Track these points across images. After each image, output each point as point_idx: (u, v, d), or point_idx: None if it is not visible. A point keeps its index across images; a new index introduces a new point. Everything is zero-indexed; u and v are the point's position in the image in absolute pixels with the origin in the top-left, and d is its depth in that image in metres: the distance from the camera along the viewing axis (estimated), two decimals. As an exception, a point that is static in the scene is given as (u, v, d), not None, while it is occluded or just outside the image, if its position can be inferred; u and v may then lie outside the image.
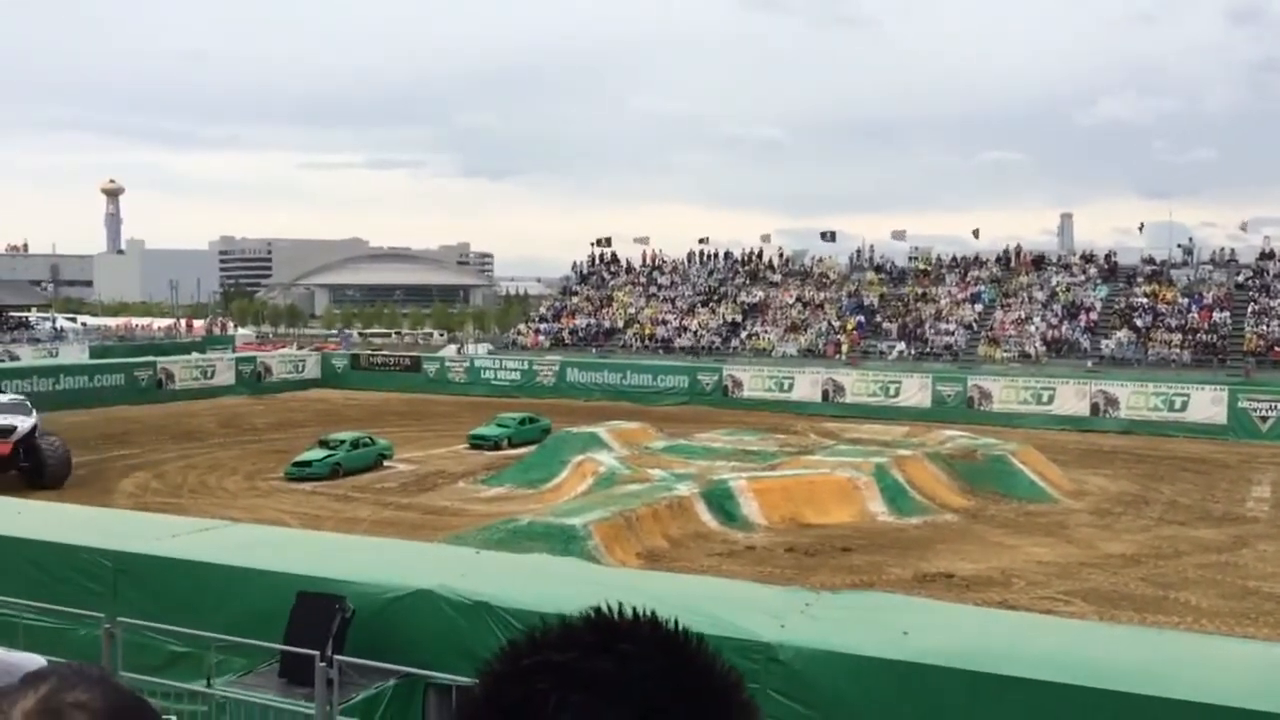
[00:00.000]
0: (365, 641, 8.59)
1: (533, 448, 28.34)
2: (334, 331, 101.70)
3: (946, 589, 15.45)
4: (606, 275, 58.68)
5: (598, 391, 44.58)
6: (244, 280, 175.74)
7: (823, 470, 22.24)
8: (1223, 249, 48.07)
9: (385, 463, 28.04)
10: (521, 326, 57.42)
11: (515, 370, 47.65)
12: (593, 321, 53.95)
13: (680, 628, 1.04)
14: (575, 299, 57.03)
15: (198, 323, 75.87)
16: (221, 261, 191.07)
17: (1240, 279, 44.75)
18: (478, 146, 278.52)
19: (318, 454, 26.75)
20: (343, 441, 27.61)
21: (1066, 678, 6.48)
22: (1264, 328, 41.32)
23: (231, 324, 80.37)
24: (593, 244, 60.60)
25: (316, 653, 7.91)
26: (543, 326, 55.22)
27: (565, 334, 53.28)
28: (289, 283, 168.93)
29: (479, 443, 31.13)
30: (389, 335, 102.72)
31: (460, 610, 8.66)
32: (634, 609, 1.06)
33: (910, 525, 20.24)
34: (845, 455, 23.99)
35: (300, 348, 65.87)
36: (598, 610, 1.05)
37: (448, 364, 50.80)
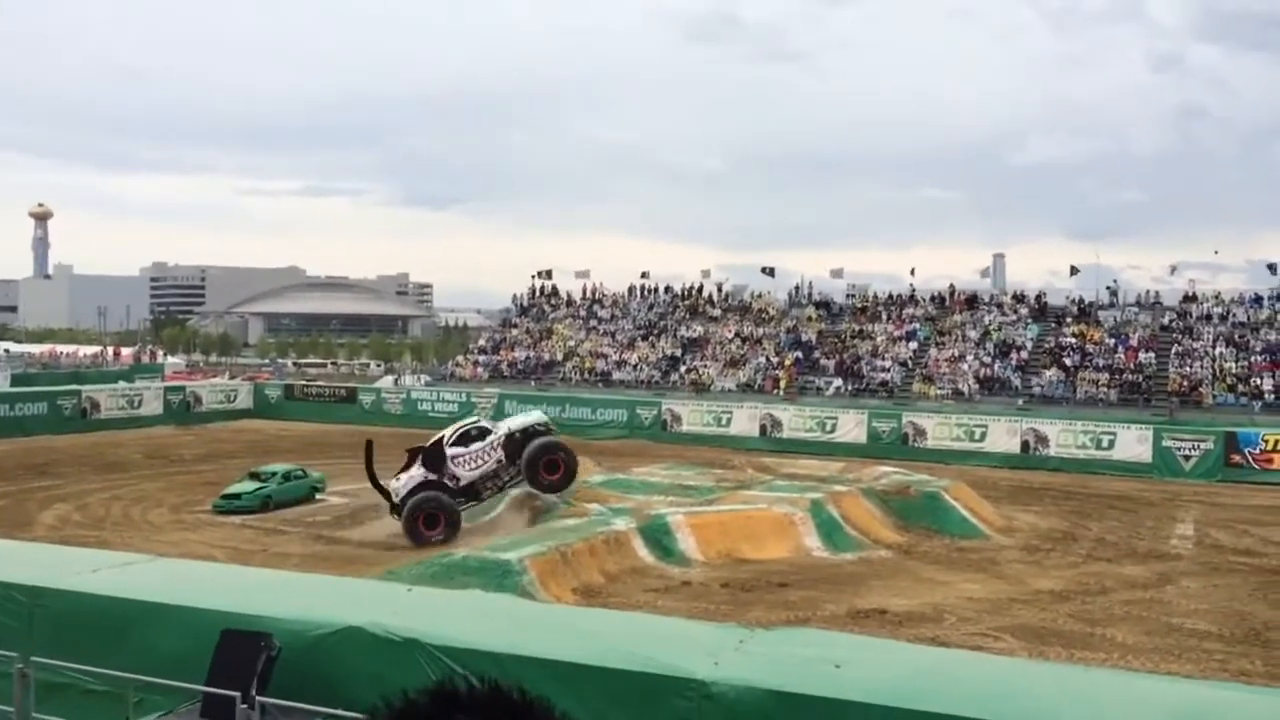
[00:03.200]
0: (291, 681, 8.38)
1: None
2: (267, 361, 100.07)
3: (880, 625, 15.54)
4: (547, 308, 58.63)
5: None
6: (176, 307, 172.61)
7: (760, 505, 22.31)
8: (1148, 291, 49.45)
9: (318, 496, 27.57)
10: (460, 358, 57.06)
11: (453, 402, 47.25)
12: (532, 354, 53.80)
13: (522, 694, 1.04)
14: (515, 331, 56.87)
15: (126, 350, 74.24)
16: (153, 288, 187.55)
17: (1165, 321, 46.04)
18: (419, 175, 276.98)
19: (248, 486, 26.22)
20: (274, 473, 27.11)
21: (993, 716, 6.54)
22: (1187, 369, 42.51)
23: (161, 352, 78.63)
24: (533, 276, 60.63)
25: (238, 694, 7.71)
26: (481, 358, 54.94)
27: (504, 366, 53.05)
28: (222, 311, 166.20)
29: (414, 475, 30.69)
30: (325, 365, 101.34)
31: (390, 648, 8.50)
32: (479, 679, 1.05)
33: (845, 561, 20.37)
34: (782, 491, 24.11)
35: (232, 377, 64.66)
36: (440, 683, 1.04)
37: (384, 395, 50.25)
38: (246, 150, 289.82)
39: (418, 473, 22.86)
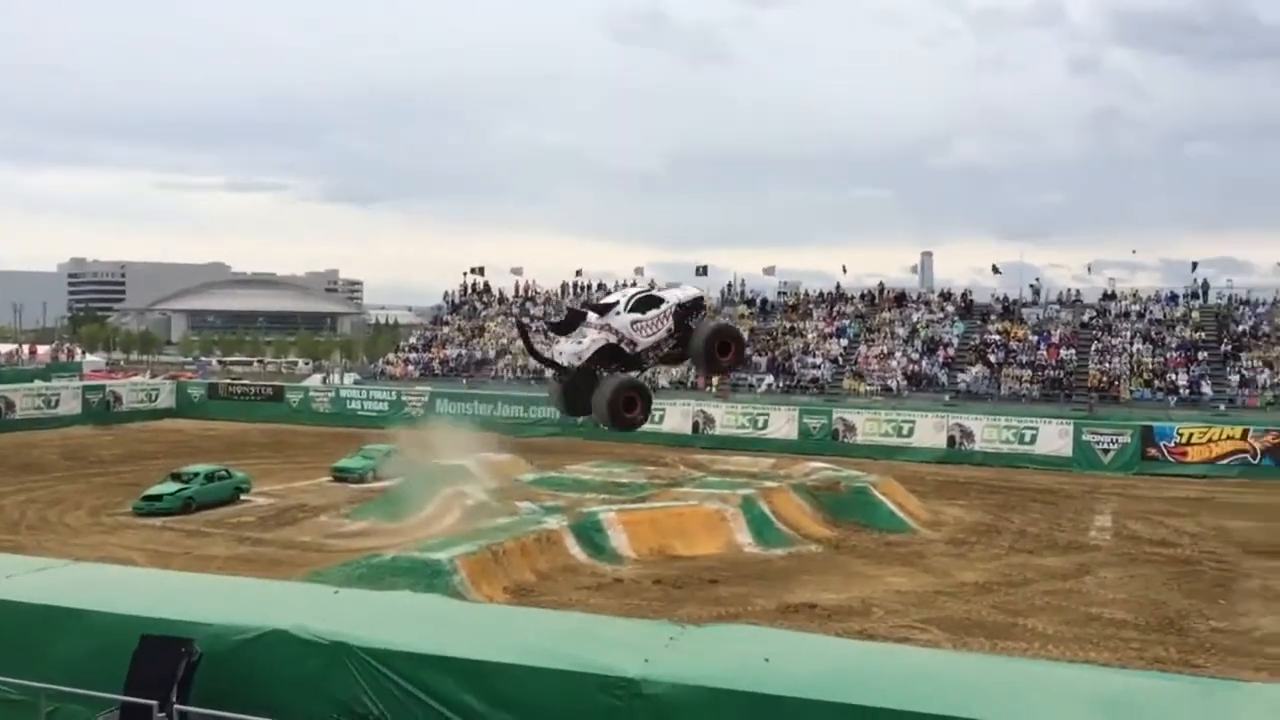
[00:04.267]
0: (214, 687, 8.22)
1: (399, 480, 27.74)
2: (191, 359, 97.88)
3: (809, 619, 15.72)
4: (479, 305, 58.22)
5: (468, 423, 44.02)
6: (95, 304, 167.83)
7: (691, 502, 22.42)
8: (1069, 289, 50.68)
9: (243, 496, 27.03)
10: (390, 356, 56.38)
11: (383, 400, 46.71)
12: (464, 352, 53.38)
13: None
14: (446, 329, 56.37)
15: (42, 348, 71.94)
16: (71, 284, 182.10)
17: (1085, 318, 47.21)
18: (347, 171, 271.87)
19: (169, 487, 25.61)
20: (197, 474, 26.52)
21: (918, 706, 6.66)
22: (1106, 365, 43.64)
23: (80, 350, 76.39)
24: (465, 273, 60.16)
25: (155, 702, 7.53)
26: (412, 356, 54.35)
27: (435, 364, 52.56)
28: (144, 308, 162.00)
29: (343, 475, 30.33)
30: (251, 364, 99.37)
31: (316, 652, 8.38)
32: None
33: (775, 556, 20.55)
34: (714, 487, 24.24)
35: (154, 376, 63.07)
36: None
37: (312, 394, 49.42)
38: (167, 146, 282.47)
39: (598, 335, 19.32)
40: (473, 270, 59.94)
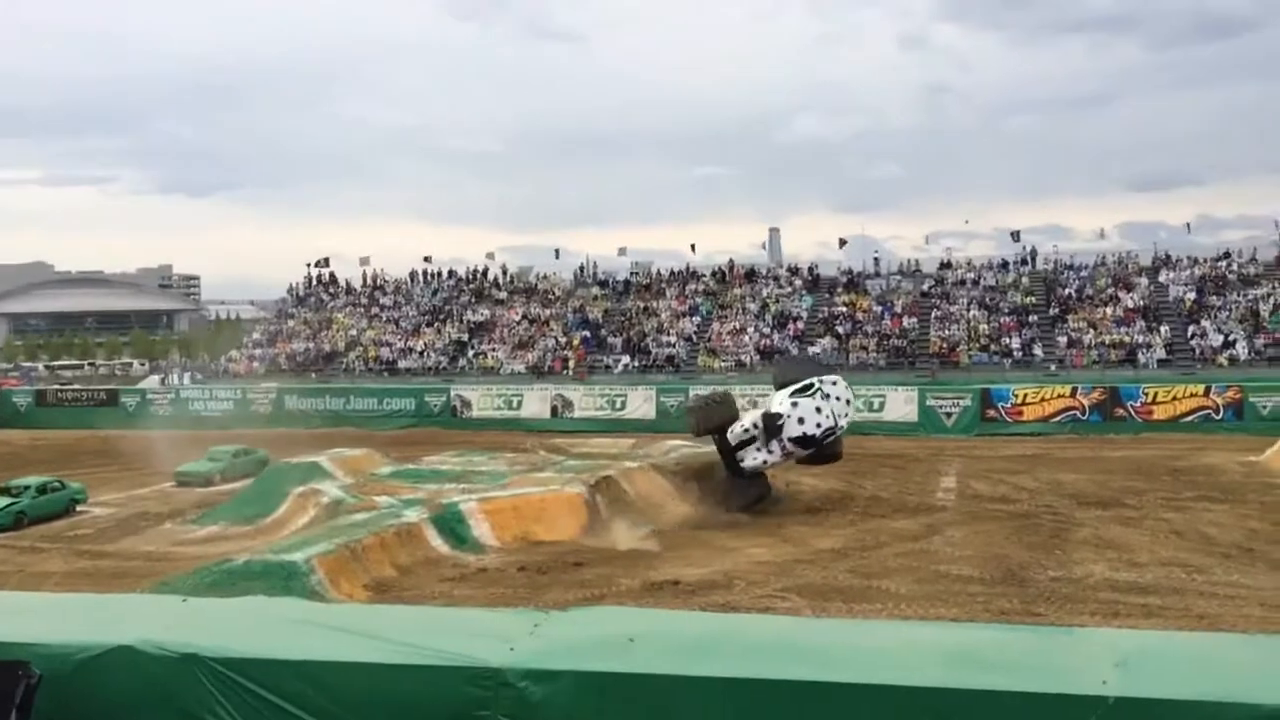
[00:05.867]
0: (57, 710, 7.78)
1: (249, 481, 26.83)
2: (13, 366, 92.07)
3: (674, 596, 15.92)
4: (325, 297, 56.66)
5: (319, 418, 42.92)
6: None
7: (552, 487, 22.37)
8: (909, 260, 52.67)
9: (79, 508, 25.66)
10: (234, 353, 54.30)
11: (227, 400, 45.03)
12: (312, 345, 51.86)
13: None
14: (292, 322, 54.66)
15: None
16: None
17: (925, 288, 49.15)
18: (176, 160, 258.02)
19: (-2, 502, 24.10)
20: (27, 487, 25.03)
21: (778, 674, 6.82)
22: (946, 332, 45.57)
23: (-113, 362, 70.91)
24: (310, 264, 58.43)
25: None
26: (257, 352, 52.52)
27: (282, 359, 50.91)
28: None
29: (188, 479, 29.14)
30: (81, 367, 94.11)
31: (166, 665, 8.01)
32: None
33: (638, 535, 20.71)
34: (574, 470, 24.26)
35: (-26, 385, 59.12)
36: None
37: (150, 396, 47.27)
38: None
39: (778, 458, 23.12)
40: (318, 262, 58.34)
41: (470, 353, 49.67)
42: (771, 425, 22.40)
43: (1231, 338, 42.06)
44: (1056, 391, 38.20)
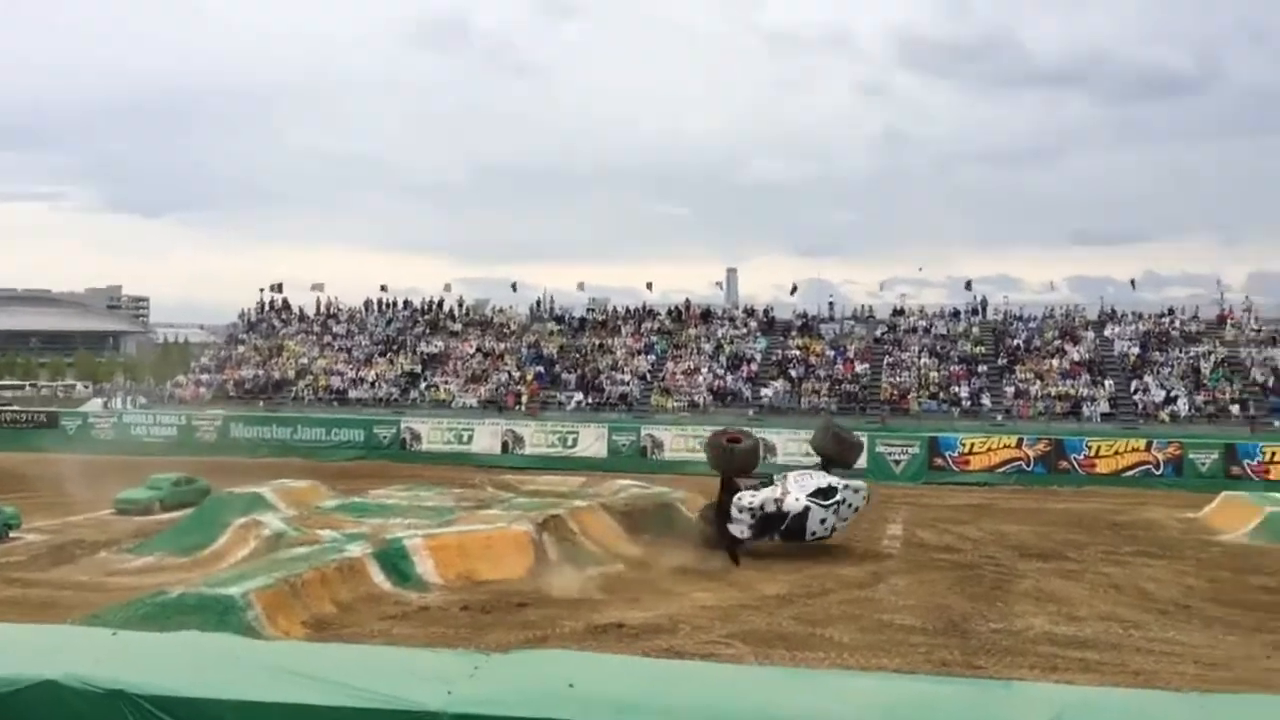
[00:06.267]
0: (-27, 748, 7.55)
1: (188, 511, 26.33)
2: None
3: (618, 639, 15.81)
4: (277, 323, 56.03)
5: (265, 448, 42.33)
6: None
7: (499, 525, 22.18)
8: (863, 306, 53.23)
9: (11, 533, 24.99)
10: (180, 377, 53.41)
11: (171, 425, 44.28)
12: (261, 372, 51.19)
13: None
14: (242, 348, 53.94)
15: None
16: None
17: (878, 334, 49.68)
18: (128, 180, 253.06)
19: (-74, 526, 23.43)
20: (-42, 511, 24.37)
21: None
22: (897, 379, 46.04)
23: None
24: (262, 290, 57.79)
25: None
26: (204, 377, 51.72)
27: (230, 385, 50.18)
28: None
29: (127, 507, 28.53)
30: (23, 388, 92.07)
31: (91, 702, 7.82)
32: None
33: (584, 576, 20.58)
34: (522, 508, 24.10)
35: (-91, 402, 57.57)
36: None
37: (92, 419, 46.29)
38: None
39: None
40: (271, 287, 57.71)
41: (422, 385, 49.30)
42: (774, 521, 22.93)
43: (1173, 394, 42.91)
44: (1003, 442, 38.70)
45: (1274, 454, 36.64)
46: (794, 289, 55.37)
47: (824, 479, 23.61)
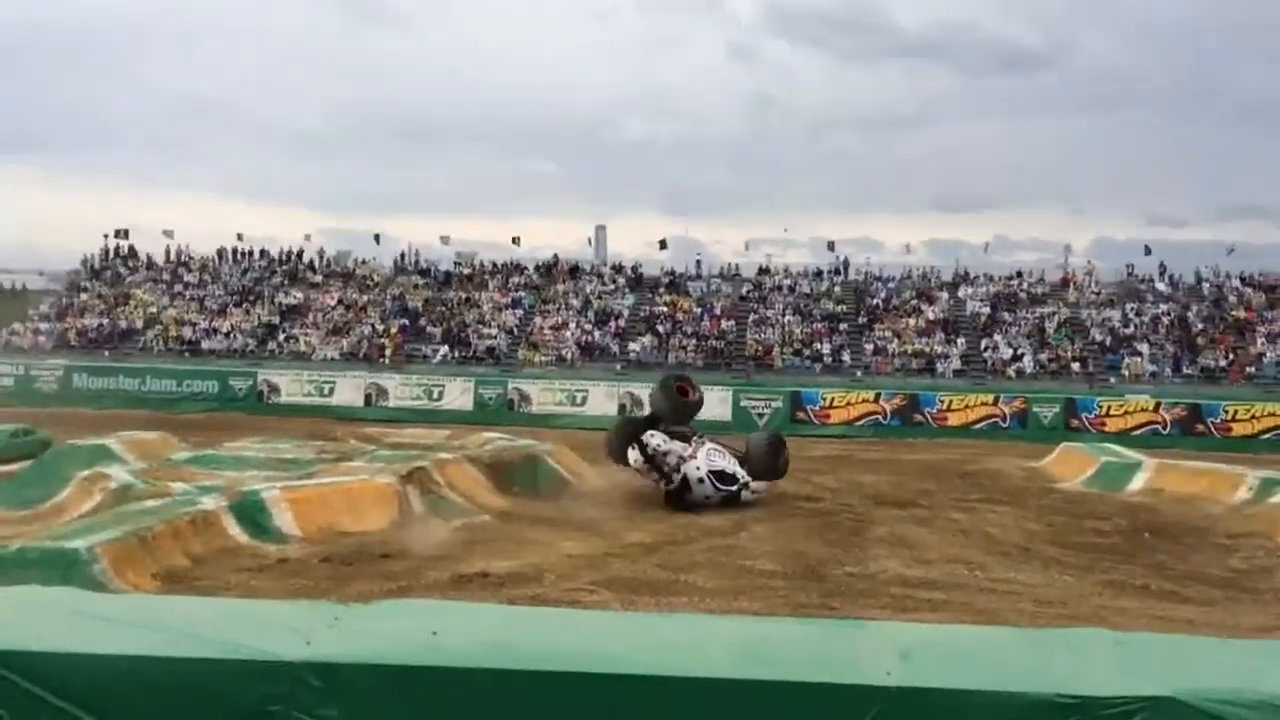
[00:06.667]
0: None
1: (27, 464, 24.98)
2: None
3: (482, 588, 15.74)
4: (123, 270, 53.46)
5: (111, 399, 40.49)
6: None
7: (362, 476, 21.76)
8: (730, 264, 53.99)
9: None
10: (18, 326, 50.49)
11: (8, 375, 41.98)
12: (106, 321, 48.83)
13: None
14: (85, 296, 51.31)
15: None
16: None
17: (744, 292, 50.49)
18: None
19: None
20: None
21: (581, 666, 6.86)
22: (761, 335, 46.95)
23: None
24: (107, 235, 54.97)
25: None
26: (44, 326, 49.04)
27: (72, 335, 47.72)
28: None
29: (-41, 461, 26.87)
30: None
31: (-82, 662, 7.37)
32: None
33: (449, 527, 20.41)
34: (386, 460, 23.70)
35: None
36: None
37: (-81, 370, 43.44)
38: None
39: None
40: (116, 233, 54.94)
41: (281, 336, 47.83)
42: (663, 470, 23.32)
43: (1020, 351, 45.02)
44: (861, 396, 40.00)
45: (1109, 408, 38.93)
46: (662, 245, 55.71)
47: (734, 467, 23.80)
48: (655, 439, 23.30)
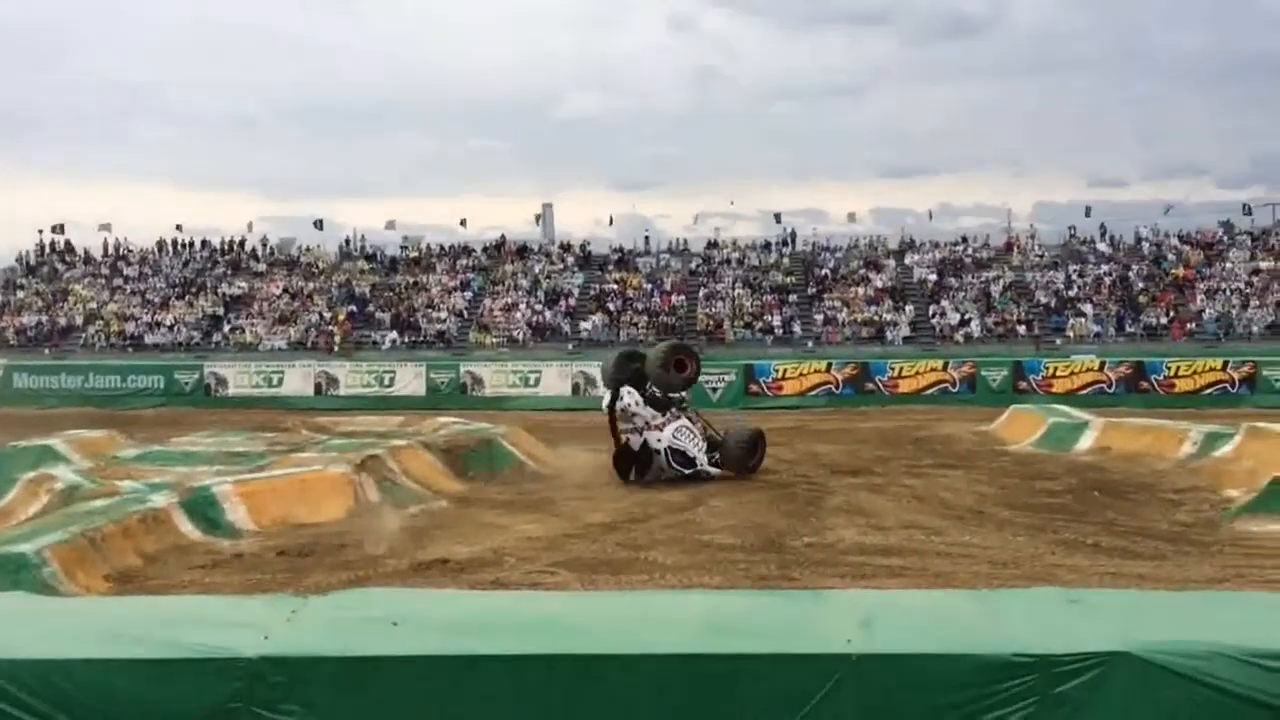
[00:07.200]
0: None
1: (-31, 468, 24.38)
2: None
3: (442, 575, 15.65)
4: (60, 266, 52.30)
5: (54, 398, 39.64)
6: None
7: (315, 467, 21.53)
8: (678, 239, 53.97)
9: None
10: (-48, 326, 49.28)
11: (-56, 378, 40.83)
12: (45, 318, 47.77)
13: None
14: (22, 293, 50.15)
15: None
16: None
17: (693, 266, 50.53)
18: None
19: None
20: None
21: (543, 648, 6.85)
22: (712, 309, 47.06)
23: None
24: (41, 231, 53.71)
25: None
26: (-20, 326, 47.90)
27: (10, 333, 46.64)
28: None
29: (-103, 467, 26.16)
30: None
31: None
32: None
33: (406, 515, 20.28)
34: (339, 449, 23.47)
35: None
36: None
37: None
38: None
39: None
40: (52, 228, 53.72)
41: (226, 328, 47.10)
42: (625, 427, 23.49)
43: (967, 316, 45.57)
44: (813, 367, 40.27)
45: (1055, 369, 39.56)
46: (611, 221, 55.60)
47: (697, 452, 23.73)
48: (630, 398, 23.27)
